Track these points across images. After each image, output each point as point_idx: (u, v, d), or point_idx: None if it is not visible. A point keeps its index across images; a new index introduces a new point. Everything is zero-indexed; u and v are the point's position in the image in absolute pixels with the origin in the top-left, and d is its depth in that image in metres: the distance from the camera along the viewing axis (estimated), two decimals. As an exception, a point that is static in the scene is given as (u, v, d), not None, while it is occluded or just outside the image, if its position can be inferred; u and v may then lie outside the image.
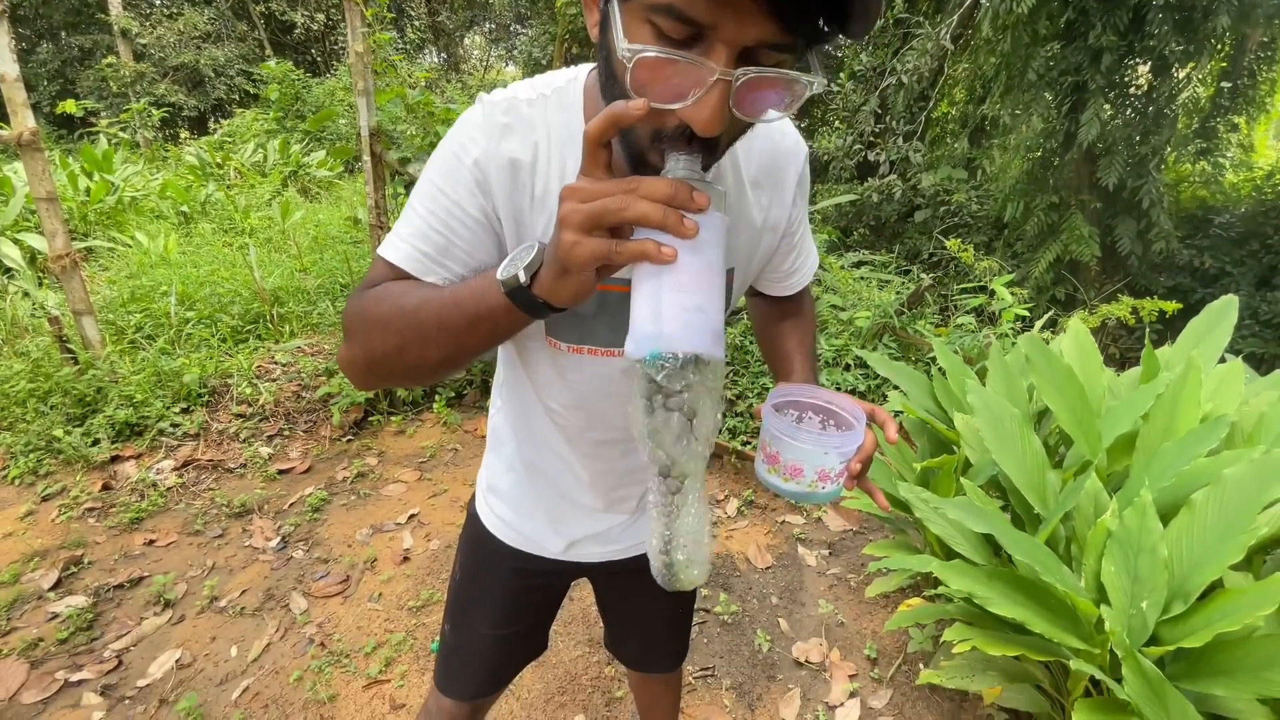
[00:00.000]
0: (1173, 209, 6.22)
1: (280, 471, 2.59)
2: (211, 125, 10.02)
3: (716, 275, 0.46)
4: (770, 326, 0.93)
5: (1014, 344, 2.14)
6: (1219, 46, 5.10)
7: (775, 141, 0.73)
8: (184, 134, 9.48)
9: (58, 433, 2.55)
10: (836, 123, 8.88)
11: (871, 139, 7.59)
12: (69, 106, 8.75)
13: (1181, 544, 1.22)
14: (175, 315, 3.33)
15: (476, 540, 0.94)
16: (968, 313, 2.84)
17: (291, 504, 2.41)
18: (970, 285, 3.11)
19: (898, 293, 3.24)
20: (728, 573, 2.08)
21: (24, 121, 2.57)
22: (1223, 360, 1.64)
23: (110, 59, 11.40)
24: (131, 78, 11.23)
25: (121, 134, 8.77)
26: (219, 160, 6.91)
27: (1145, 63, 5.55)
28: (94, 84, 11.90)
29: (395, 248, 0.63)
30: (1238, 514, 1.17)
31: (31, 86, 11.30)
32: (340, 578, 2.04)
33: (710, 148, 0.49)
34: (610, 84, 0.49)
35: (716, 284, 0.46)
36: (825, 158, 8.67)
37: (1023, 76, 5.93)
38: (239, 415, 2.86)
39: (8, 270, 4.02)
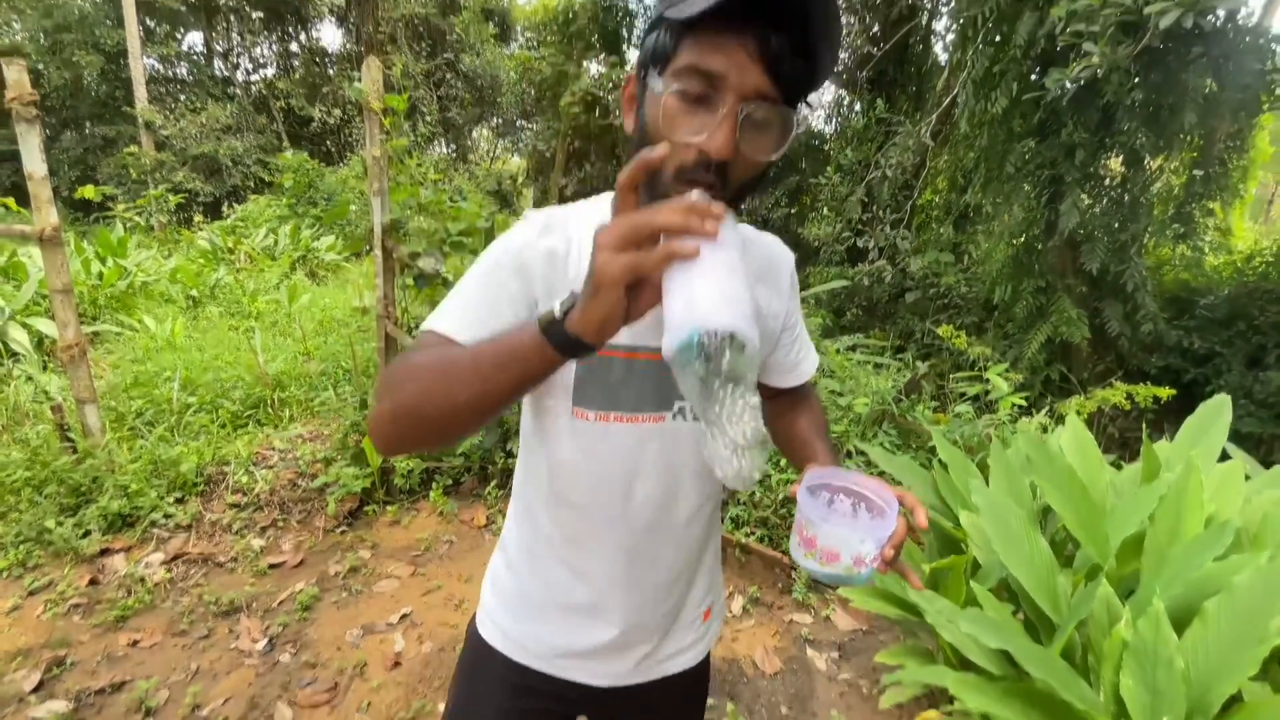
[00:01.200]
0: (1157, 291, 6.40)
1: (271, 566, 2.53)
2: (225, 210, 10.40)
3: (741, 274, 0.50)
4: (784, 419, 0.95)
5: (1014, 432, 2.15)
6: (1188, 139, 5.41)
7: (768, 245, 0.86)
8: (198, 218, 9.83)
9: (50, 524, 2.51)
10: (825, 210, 9.27)
11: (860, 226, 7.89)
12: (88, 192, 9.11)
13: (1197, 655, 1.19)
14: (177, 401, 3.35)
15: (474, 655, 0.90)
16: (965, 400, 2.87)
17: (281, 601, 2.33)
18: (965, 375, 3.16)
19: (894, 381, 3.28)
20: (734, 679, 1.99)
21: (47, 218, 2.67)
22: (1224, 457, 1.66)
23: (132, 148, 11.98)
24: (152, 166, 11.77)
25: (137, 218, 9.08)
26: (230, 245, 7.12)
27: (1118, 156, 5.87)
28: (114, 171, 12.45)
29: (439, 316, 0.70)
30: (1250, 623, 1.15)
31: (53, 172, 11.83)
32: (328, 685, 1.95)
33: (723, 180, 0.61)
34: (642, 145, 0.61)
35: (742, 280, 0.49)
36: (816, 243, 9.00)
37: (1001, 169, 6.23)
38: (233, 505, 2.82)
39: (14, 354, 4.06)
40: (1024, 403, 2.78)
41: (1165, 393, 3.31)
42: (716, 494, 0.88)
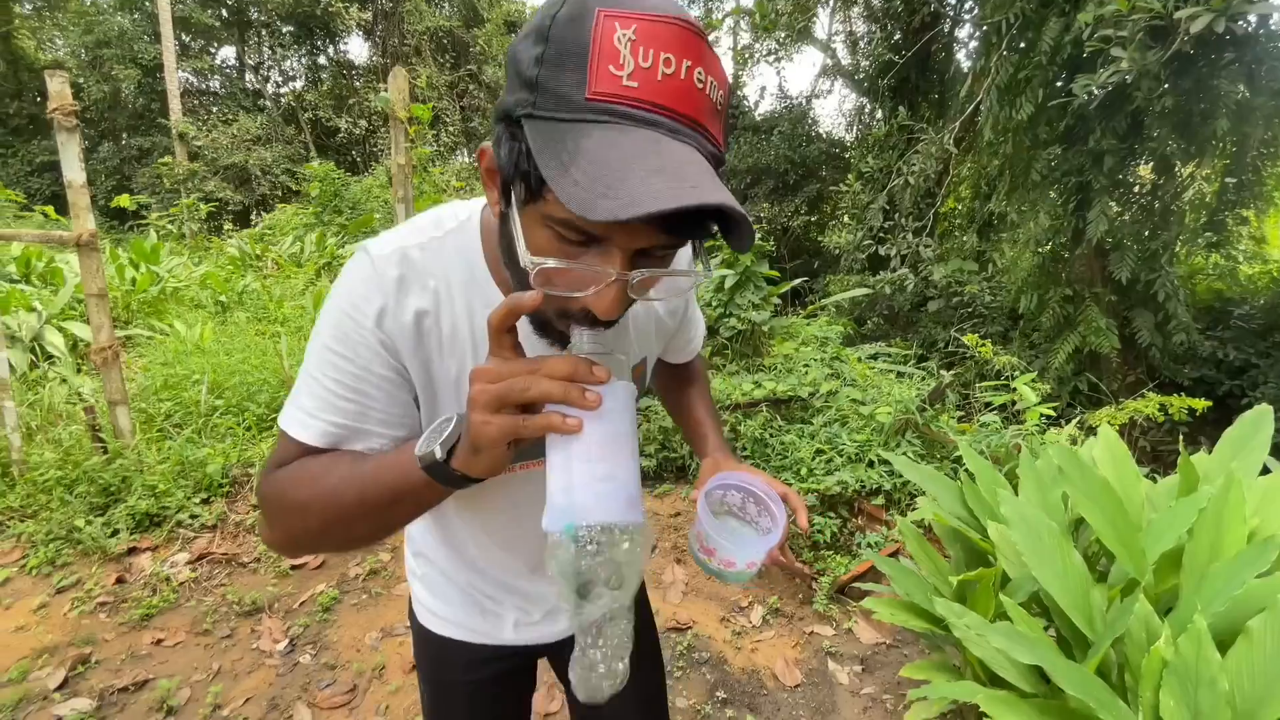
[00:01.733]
0: (1190, 301, 6.24)
1: (293, 567, 2.55)
2: (254, 218, 10.63)
3: (625, 442, 0.48)
4: (675, 392, 1.02)
5: (1043, 444, 2.09)
6: (1220, 146, 5.28)
7: None
8: (227, 226, 10.06)
9: (79, 522, 2.56)
10: (845, 218, 9.21)
11: (882, 234, 7.82)
12: (123, 201, 9.39)
13: (1242, 676, 1.15)
14: (205, 404, 3.41)
15: (429, 653, 0.91)
16: (991, 410, 2.81)
17: (302, 603, 2.35)
18: (991, 384, 3.10)
19: (918, 389, 3.23)
20: (754, 690, 1.96)
21: (85, 224, 2.75)
22: (1265, 471, 1.59)
23: (166, 159, 12.33)
24: (184, 175, 12.09)
25: (169, 226, 9.33)
26: (258, 252, 7.27)
27: (1147, 163, 5.75)
28: (148, 180, 12.82)
29: (306, 425, 0.60)
30: (1301, 644, 1.10)
31: (90, 181, 12.20)
32: (347, 687, 1.95)
33: (613, 320, 0.52)
34: (514, 265, 0.52)
35: (626, 450, 0.48)
36: (836, 251, 8.95)
37: (1026, 176, 6.13)
38: (256, 506, 2.85)
39: (49, 357, 4.17)
40: (1052, 413, 2.71)
41: (1201, 404, 3.21)
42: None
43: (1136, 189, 5.96)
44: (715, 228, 0.48)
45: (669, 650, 2.12)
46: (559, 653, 0.94)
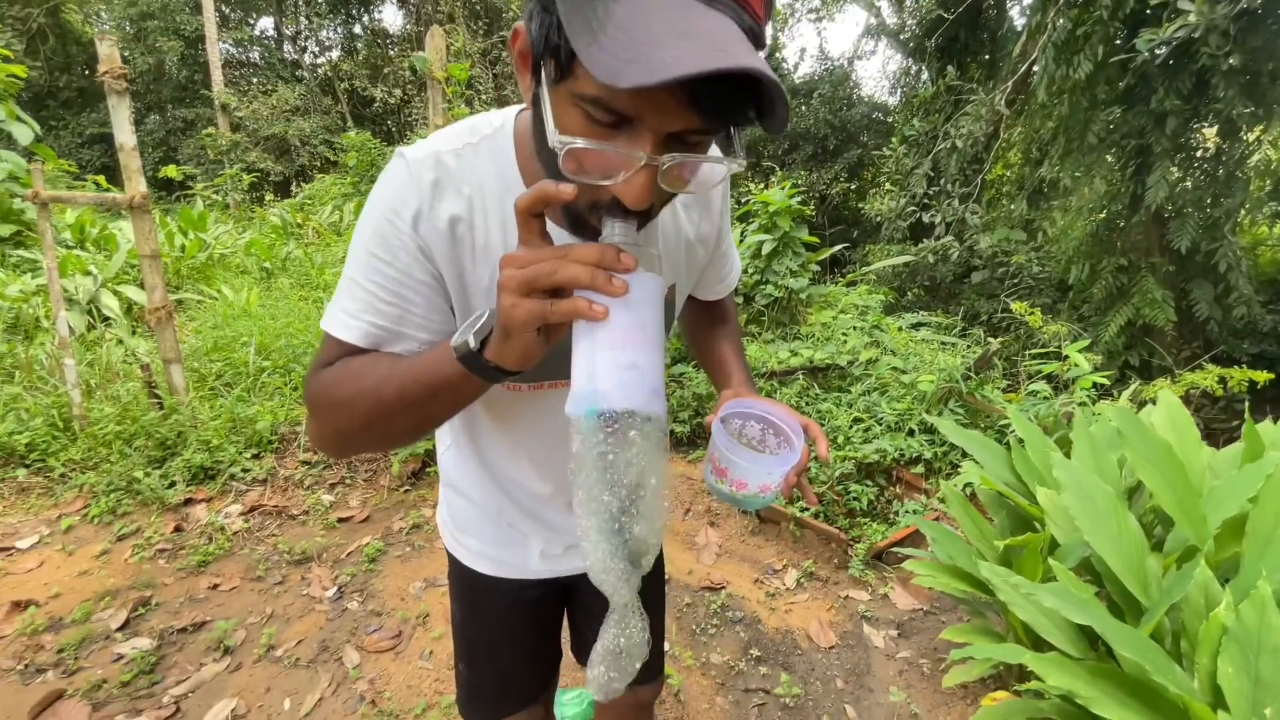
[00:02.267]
0: (1252, 273, 5.91)
1: (340, 520, 2.64)
2: (294, 189, 10.82)
3: (651, 333, 0.48)
4: (702, 331, 0.99)
5: (1096, 415, 2.02)
6: (1289, 109, 4.92)
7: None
8: (269, 196, 10.25)
9: (138, 474, 2.69)
10: (888, 185, 8.92)
11: (926, 200, 7.56)
12: (170, 171, 9.64)
13: (1310, 646, 1.10)
14: (253, 364, 3.52)
15: (461, 578, 0.95)
16: (1039, 379, 2.72)
17: (349, 553, 2.44)
18: (1042, 350, 2.99)
19: (963, 356, 3.14)
20: (788, 650, 1.97)
21: (136, 186, 2.82)
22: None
23: (210, 130, 12.58)
24: (227, 146, 12.34)
25: (214, 196, 9.56)
26: (299, 220, 7.41)
27: (1211, 125, 5.41)
28: (193, 151, 13.11)
29: (347, 326, 0.62)
30: (1375, 614, 1.05)
31: (139, 153, 12.46)
32: (393, 632, 2.03)
33: (645, 215, 0.52)
34: (544, 151, 0.51)
35: (651, 342, 0.48)
36: (878, 219, 8.69)
37: (1082, 140, 5.83)
38: (304, 462, 2.96)
39: (105, 319, 4.35)
40: (1106, 382, 2.61)
41: (1263, 376, 3.06)
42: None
43: (1199, 153, 5.63)
44: (752, 113, 0.45)
45: (703, 609, 2.14)
46: (577, 587, 0.99)
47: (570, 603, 1.04)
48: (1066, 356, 2.90)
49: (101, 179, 7.49)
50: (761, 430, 0.78)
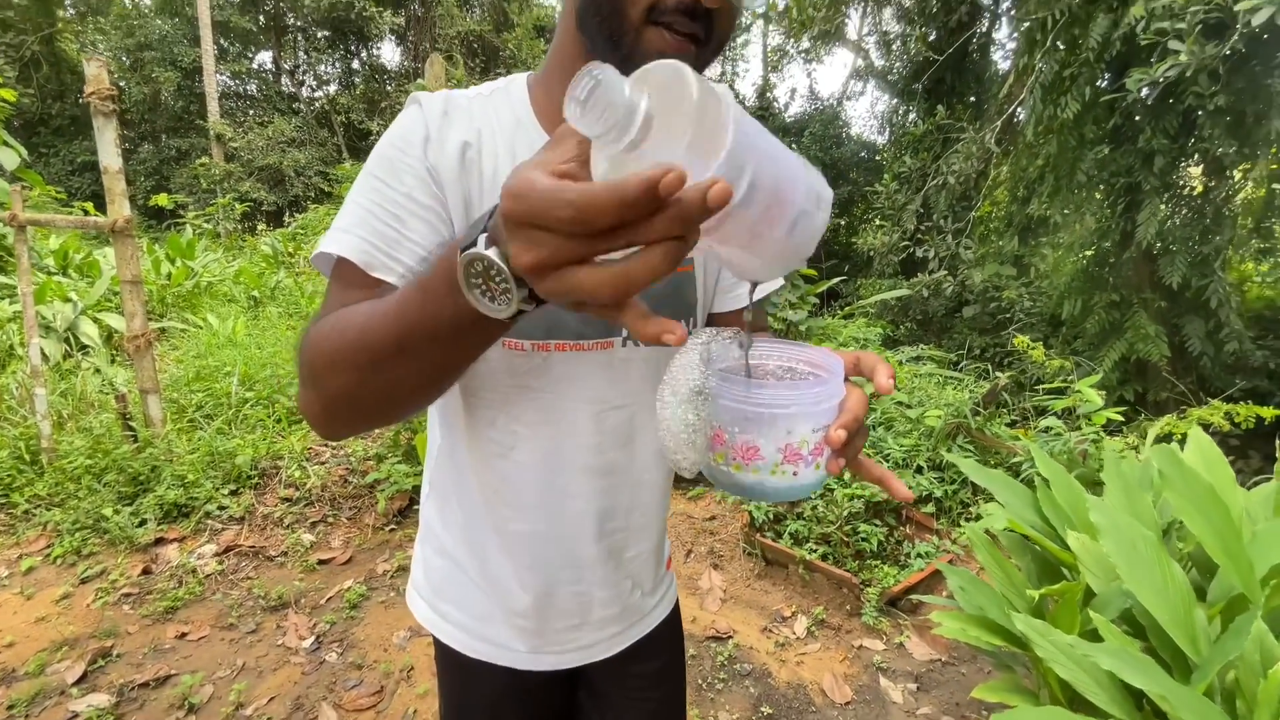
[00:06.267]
0: (1241, 308, 5.96)
1: (320, 562, 2.49)
2: (287, 219, 10.79)
3: (777, 157, 0.33)
4: None
5: (1121, 453, 1.94)
6: (1273, 149, 5.03)
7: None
8: (261, 226, 10.21)
9: (107, 511, 2.53)
10: (879, 220, 9.02)
11: (920, 235, 7.63)
12: (161, 200, 9.57)
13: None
14: (235, 395, 3.39)
15: (445, 655, 0.79)
16: (1054, 415, 2.65)
17: (329, 598, 2.29)
18: (1054, 385, 2.94)
19: (971, 391, 3.07)
20: (802, 707, 1.84)
21: (120, 210, 2.74)
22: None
23: (204, 159, 12.58)
24: (221, 176, 12.33)
25: (206, 225, 9.49)
26: (291, 250, 7.34)
27: (1198, 164, 5.51)
28: (186, 180, 13.09)
29: (338, 240, 0.55)
30: None
31: (130, 182, 12.47)
32: (374, 688, 1.88)
33: (708, 30, 0.51)
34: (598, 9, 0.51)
35: (782, 161, 0.34)
36: (870, 253, 8.75)
37: (1071, 178, 5.92)
38: (285, 499, 2.81)
39: (84, 347, 4.21)
40: (1120, 418, 2.54)
41: (1270, 413, 3.01)
42: None
43: (1187, 191, 5.72)
44: None
45: (709, 660, 2.01)
46: (586, 671, 0.80)
47: (579, 689, 0.87)
48: (1071, 391, 2.84)
49: (89, 205, 7.40)
50: (782, 365, 0.52)
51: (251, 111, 15.37)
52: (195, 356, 4.06)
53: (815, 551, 2.42)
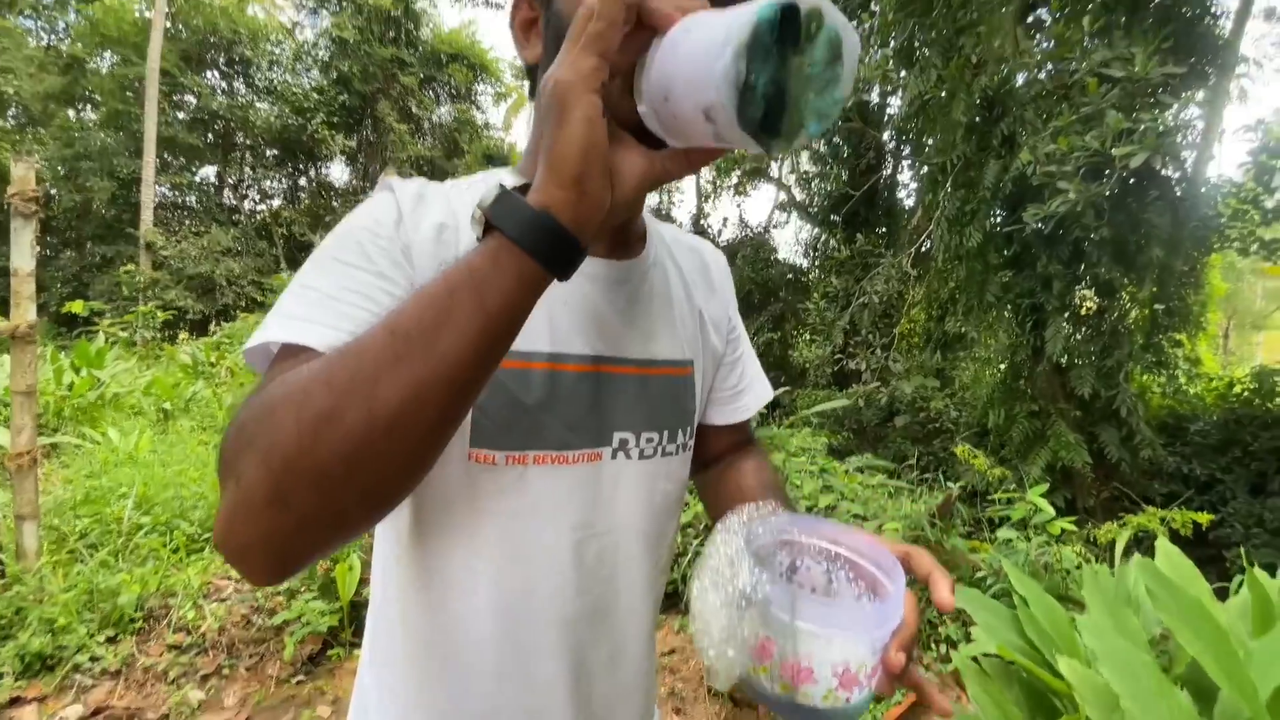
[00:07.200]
0: (1148, 417, 6.42)
1: (212, 725, 2.09)
2: (213, 328, 10.34)
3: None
4: (727, 479, 0.74)
5: (1095, 570, 1.92)
6: (1154, 274, 5.69)
7: (697, 247, 0.75)
8: (183, 335, 9.71)
9: (-54, 670, 2.08)
10: (809, 335, 9.52)
11: (851, 349, 8.02)
12: (75, 307, 9.02)
13: None
14: (128, 521, 2.99)
15: None
16: (1003, 525, 2.65)
17: (218, 773, 1.89)
18: (1004, 495, 2.97)
19: (925, 502, 3.07)
20: None
21: (25, 314, 2.51)
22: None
23: (129, 266, 12.10)
24: (145, 284, 11.84)
25: (121, 333, 8.94)
26: (213, 360, 6.94)
27: (1090, 287, 6.14)
28: (106, 288, 12.48)
29: (293, 328, 0.45)
30: None
31: (44, 288, 11.77)
32: None
33: None
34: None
35: None
36: (804, 365, 9.11)
37: (981, 298, 6.44)
38: (174, 646, 2.40)
39: (-45, 468, 3.69)
40: (1074, 527, 2.56)
41: (1206, 518, 3.14)
42: (667, 564, 0.68)
43: (1084, 311, 6.31)
44: None
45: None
46: None
47: None
48: (1019, 501, 2.88)
49: (-9, 312, 6.86)
50: (827, 573, 0.48)
51: (188, 221, 15.16)
52: (87, 476, 3.62)
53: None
